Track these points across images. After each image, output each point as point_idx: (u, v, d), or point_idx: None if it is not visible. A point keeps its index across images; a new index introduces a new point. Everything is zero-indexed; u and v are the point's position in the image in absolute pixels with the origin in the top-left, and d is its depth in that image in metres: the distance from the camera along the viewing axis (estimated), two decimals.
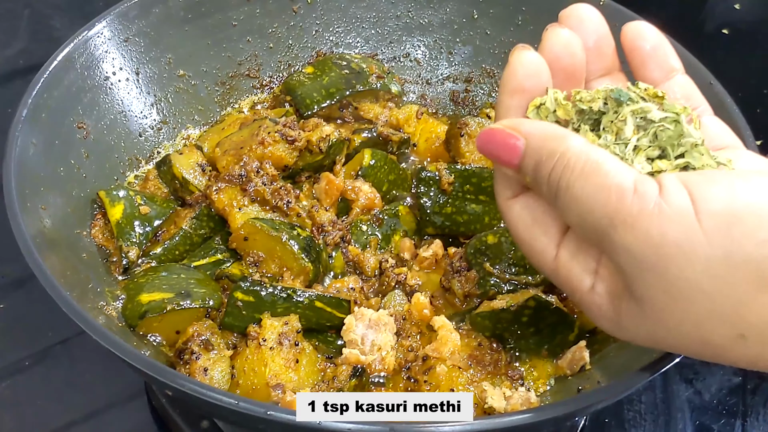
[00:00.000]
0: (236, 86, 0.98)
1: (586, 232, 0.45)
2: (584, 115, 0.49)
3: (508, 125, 0.48)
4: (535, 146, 0.46)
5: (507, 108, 0.51)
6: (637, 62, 0.54)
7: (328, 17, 1.01)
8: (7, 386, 0.83)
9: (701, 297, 0.41)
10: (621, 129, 0.47)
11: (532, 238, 0.50)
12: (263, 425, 0.55)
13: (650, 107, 0.47)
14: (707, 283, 0.41)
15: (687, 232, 0.41)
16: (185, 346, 0.70)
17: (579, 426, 0.82)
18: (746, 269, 0.40)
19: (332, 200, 0.83)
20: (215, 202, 0.80)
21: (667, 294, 0.42)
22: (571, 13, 0.54)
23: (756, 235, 0.40)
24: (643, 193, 0.42)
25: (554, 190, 0.45)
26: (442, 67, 1.04)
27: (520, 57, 0.50)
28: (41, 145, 0.75)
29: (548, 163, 0.45)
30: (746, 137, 0.76)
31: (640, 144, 0.46)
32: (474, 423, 0.54)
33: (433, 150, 0.92)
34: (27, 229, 0.65)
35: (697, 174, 0.43)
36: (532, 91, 0.50)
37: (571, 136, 0.46)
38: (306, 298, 0.73)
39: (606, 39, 0.55)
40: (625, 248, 0.42)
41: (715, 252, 0.40)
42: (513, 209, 0.51)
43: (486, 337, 0.73)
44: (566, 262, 0.48)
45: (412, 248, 0.83)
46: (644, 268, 0.42)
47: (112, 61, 0.86)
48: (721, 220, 0.40)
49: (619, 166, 0.43)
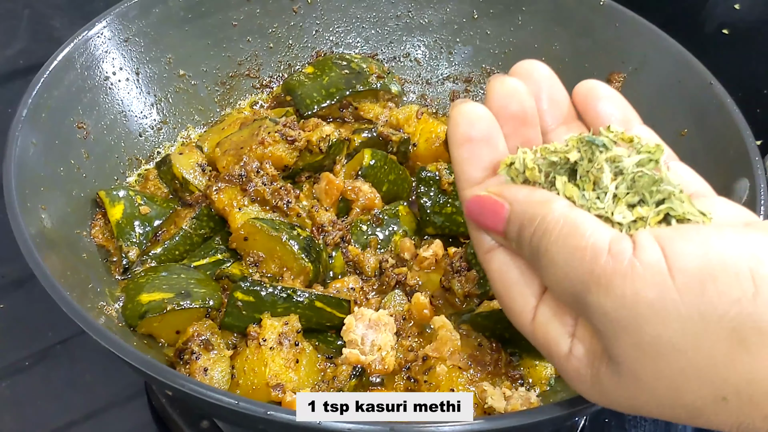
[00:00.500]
0: (236, 86, 0.98)
1: (564, 295, 0.44)
2: (557, 167, 0.48)
3: (493, 191, 0.48)
4: (518, 211, 0.46)
5: (460, 162, 0.51)
6: (592, 119, 0.53)
7: (328, 17, 1.01)
8: (7, 386, 0.83)
9: (677, 356, 0.40)
10: (598, 177, 0.46)
11: (510, 298, 0.49)
12: (263, 425, 0.55)
13: (624, 152, 0.46)
14: (683, 342, 0.40)
15: (660, 291, 0.40)
16: (185, 346, 0.70)
17: (579, 426, 0.81)
18: (722, 328, 0.39)
19: (332, 200, 0.83)
20: (215, 202, 0.80)
21: (642, 354, 0.41)
22: (518, 68, 0.54)
23: (730, 293, 0.39)
24: (617, 253, 0.41)
25: (534, 253, 0.45)
26: (442, 67, 1.04)
27: (460, 109, 0.50)
28: (41, 145, 0.75)
29: (530, 227, 0.45)
30: (746, 137, 0.76)
31: (618, 192, 0.45)
32: (474, 423, 0.54)
33: (433, 150, 0.92)
34: (27, 229, 0.65)
35: (671, 230, 0.42)
36: (480, 139, 0.50)
37: (554, 200, 0.45)
38: (306, 298, 0.73)
39: (557, 88, 0.54)
40: (601, 309, 0.41)
41: (690, 311, 0.39)
42: (492, 264, 0.50)
43: (486, 337, 0.73)
44: (543, 325, 0.47)
45: (412, 248, 0.83)
46: (619, 328, 0.41)
47: (112, 61, 0.86)
48: (695, 278, 0.39)
49: (596, 226, 0.43)
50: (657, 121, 0.87)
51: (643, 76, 0.89)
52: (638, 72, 0.90)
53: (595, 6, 0.92)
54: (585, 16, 0.93)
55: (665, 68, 0.87)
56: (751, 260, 0.39)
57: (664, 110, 0.87)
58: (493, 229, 0.48)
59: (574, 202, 0.46)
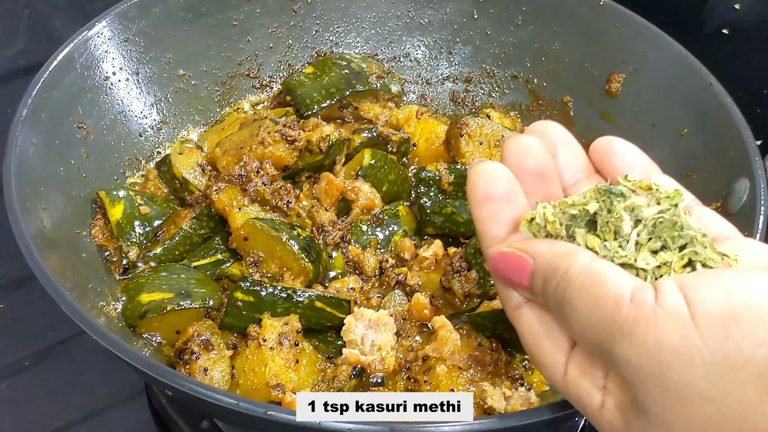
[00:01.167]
0: (236, 86, 0.98)
1: (590, 346, 0.44)
2: (577, 219, 0.48)
3: (517, 247, 0.48)
4: (542, 265, 0.46)
5: (482, 220, 0.51)
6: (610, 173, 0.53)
7: (328, 17, 1.01)
8: (7, 386, 0.83)
9: (703, 402, 0.40)
10: (618, 227, 0.46)
11: (540, 353, 0.49)
12: (263, 425, 0.55)
13: (644, 200, 0.47)
14: (709, 387, 0.40)
15: (683, 336, 0.39)
16: (185, 346, 0.70)
17: (579, 426, 0.81)
18: (747, 371, 0.39)
19: (332, 200, 0.83)
20: (215, 202, 0.80)
21: (670, 401, 0.41)
22: (532, 129, 0.54)
23: (755, 336, 0.39)
24: (640, 301, 0.41)
25: (559, 305, 0.45)
26: (442, 67, 1.04)
27: (479, 168, 0.50)
28: (41, 145, 0.75)
29: (553, 280, 0.45)
30: (746, 137, 0.76)
31: (640, 239, 0.45)
32: (474, 423, 0.54)
33: (433, 150, 0.92)
34: (27, 229, 0.65)
35: (693, 275, 0.42)
36: (500, 197, 0.50)
37: (578, 251, 0.45)
38: (306, 298, 0.73)
39: (572, 145, 0.55)
40: (626, 358, 0.41)
41: (714, 355, 0.39)
42: (521, 320, 0.50)
43: (486, 337, 0.73)
44: (575, 378, 0.47)
45: (412, 248, 0.83)
46: (645, 376, 0.41)
47: (112, 61, 0.86)
48: (718, 321, 0.39)
49: (618, 275, 0.43)
50: (657, 121, 0.88)
51: (643, 76, 0.89)
52: (638, 72, 0.90)
53: (595, 6, 0.92)
54: (585, 16, 0.93)
55: (665, 68, 0.87)
56: None
57: (664, 110, 0.87)
58: (519, 284, 0.48)
59: (596, 252, 0.46)
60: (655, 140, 0.86)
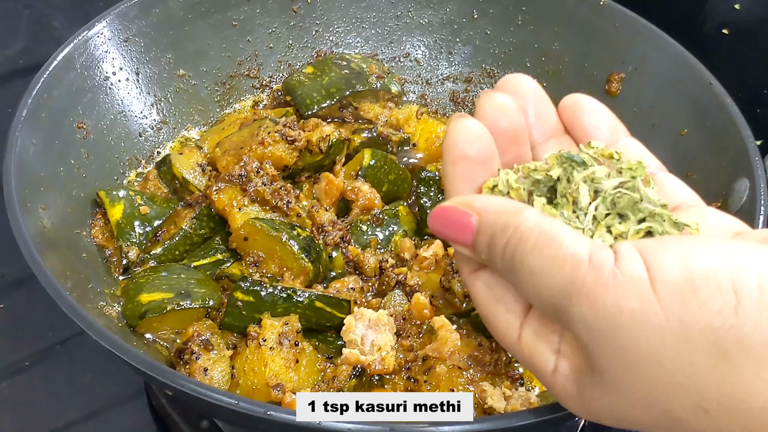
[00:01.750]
0: (236, 86, 0.98)
1: (544, 307, 0.44)
2: (540, 185, 0.47)
3: (460, 202, 0.47)
4: (488, 222, 0.45)
5: (452, 179, 0.49)
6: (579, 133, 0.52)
7: (328, 17, 1.01)
8: (7, 386, 0.83)
9: (658, 367, 0.40)
10: (576, 197, 0.45)
11: (495, 318, 0.48)
12: (263, 425, 0.55)
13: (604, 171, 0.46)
14: (663, 352, 0.40)
15: (642, 302, 0.39)
16: (185, 346, 0.70)
17: (579, 426, 0.81)
18: (703, 340, 0.39)
19: (332, 200, 0.83)
20: (215, 202, 0.80)
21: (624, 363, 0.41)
22: (503, 83, 0.53)
23: (712, 305, 0.39)
24: (599, 263, 0.40)
25: (509, 266, 0.44)
26: (442, 67, 1.04)
27: (458, 125, 0.49)
28: (41, 145, 0.75)
29: (502, 238, 0.44)
30: (746, 137, 0.76)
31: (598, 213, 0.45)
32: (474, 423, 0.54)
33: (433, 150, 0.92)
34: (27, 229, 0.65)
35: (653, 241, 0.42)
36: (475, 157, 0.48)
37: (527, 209, 0.44)
38: (306, 298, 0.73)
39: (544, 101, 0.53)
40: (582, 320, 0.41)
41: (671, 322, 0.39)
42: (475, 285, 0.49)
43: (486, 337, 0.73)
44: (529, 342, 0.47)
45: (412, 248, 0.83)
46: (601, 338, 0.41)
47: (112, 61, 0.86)
48: (677, 289, 0.39)
49: (574, 236, 0.42)
50: (657, 121, 0.88)
51: (643, 76, 0.89)
52: (638, 72, 0.90)
53: (595, 6, 0.92)
54: (585, 16, 0.93)
55: (665, 68, 0.87)
56: (733, 271, 0.39)
57: (664, 110, 0.87)
58: (460, 242, 0.46)
59: None
60: (655, 140, 0.85)
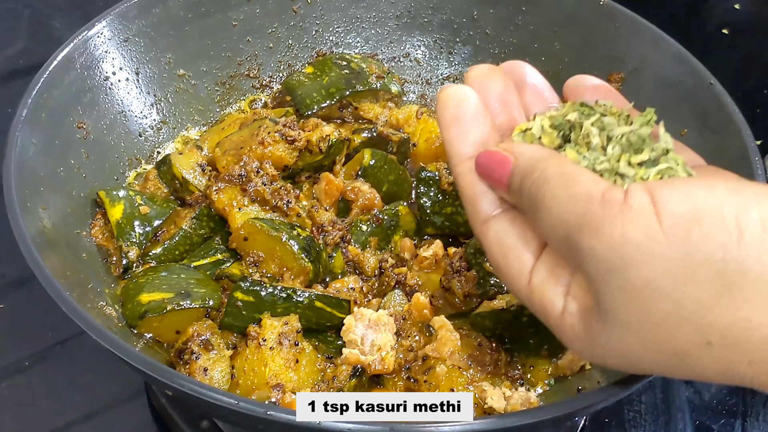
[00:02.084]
0: (236, 86, 0.98)
1: (558, 241, 0.46)
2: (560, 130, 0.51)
3: (503, 147, 0.51)
4: (523, 164, 0.49)
5: (450, 140, 0.53)
6: None
7: (328, 17, 1.01)
8: (7, 386, 0.83)
9: (662, 299, 0.42)
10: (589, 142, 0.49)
11: (506, 264, 0.51)
12: (263, 425, 0.55)
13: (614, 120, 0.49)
14: (668, 284, 0.41)
15: (647, 233, 0.41)
16: (185, 346, 0.70)
17: (579, 426, 0.82)
18: (706, 270, 0.40)
19: (332, 200, 0.83)
20: (215, 202, 0.80)
21: (629, 297, 0.42)
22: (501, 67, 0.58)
23: (716, 237, 0.40)
24: (609, 199, 0.43)
25: (533, 203, 0.47)
26: (442, 67, 1.04)
27: (447, 91, 0.53)
28: (41, 145, 0.75)
29: (531, 177, 0.47)
30: (746, 137, 0.76)
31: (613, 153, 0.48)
32: (474, 423, 0.54)
33: (433, 150, 0.92)
34: (27, 229, 0.65)
35: (661, 181, 0.44)
36: (469, 117, 0.53)
37: (555, 154, 0.48)
38: (306, 298, 0.73)
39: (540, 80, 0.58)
40: (591, 252, 0.43)
41: (675, 253, 0.41)
42: (487, 235, 0.52)
43: (486, 337, 0.73)
44: (539, 286, 0.49)
45: (412, 248, 0.83)
46: (608, 271, 0.43)
47: (112, 61, 0.86)
48: (682, 221, 0.41)
49: (591, 176, 0.45)
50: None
51: (643, 76, 0.89)
52: (638, 72, 0.90)
53: (595, 6, 0.92)
54: (585, 16, 0.93)
55: (665, 68, 0.87)
56: (737, 207, 0.41)
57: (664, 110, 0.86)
58: (498, 181, 0.50)
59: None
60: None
